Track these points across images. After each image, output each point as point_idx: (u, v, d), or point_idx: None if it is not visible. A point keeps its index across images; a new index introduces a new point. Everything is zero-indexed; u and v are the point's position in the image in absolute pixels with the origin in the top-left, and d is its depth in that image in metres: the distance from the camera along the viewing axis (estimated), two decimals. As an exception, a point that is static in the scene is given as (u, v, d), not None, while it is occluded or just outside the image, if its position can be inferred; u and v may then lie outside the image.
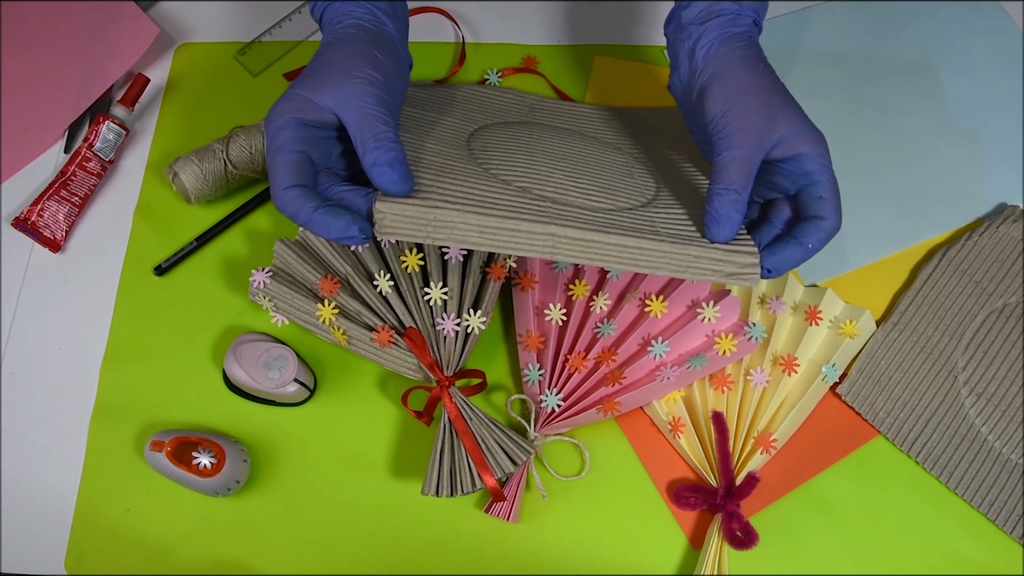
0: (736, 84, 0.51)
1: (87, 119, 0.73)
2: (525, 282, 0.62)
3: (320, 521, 0.60)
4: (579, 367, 0.60)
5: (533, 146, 0.59)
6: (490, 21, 0.77)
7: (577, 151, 0.60)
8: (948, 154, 0.71)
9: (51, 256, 0.68)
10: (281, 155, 0.49)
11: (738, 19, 0.53)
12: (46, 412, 0.63)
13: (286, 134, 0.49)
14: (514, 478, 0.58)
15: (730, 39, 0.52)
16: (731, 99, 0.50)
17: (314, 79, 0.50)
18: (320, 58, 0.52)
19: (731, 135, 0.50)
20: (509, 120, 0.64)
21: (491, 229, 0.47)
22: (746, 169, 0.49)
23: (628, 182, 0.56)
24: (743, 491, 0.58)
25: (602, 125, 0.67)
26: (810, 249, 0.50)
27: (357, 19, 0.54)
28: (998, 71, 0.74)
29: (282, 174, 0.48)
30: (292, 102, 0.50)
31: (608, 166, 0.59)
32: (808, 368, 0.62)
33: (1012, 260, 0.65)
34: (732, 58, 0.52)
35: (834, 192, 0.51)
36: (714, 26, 0.52)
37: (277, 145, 0.49)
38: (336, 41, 0.52)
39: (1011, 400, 0.62)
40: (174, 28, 0.77)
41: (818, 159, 0.50)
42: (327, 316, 0.60)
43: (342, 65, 0.50)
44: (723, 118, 0.50)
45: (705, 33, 0.52)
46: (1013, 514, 0.59)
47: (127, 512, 0.60)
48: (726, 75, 0.51)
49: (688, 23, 0.54)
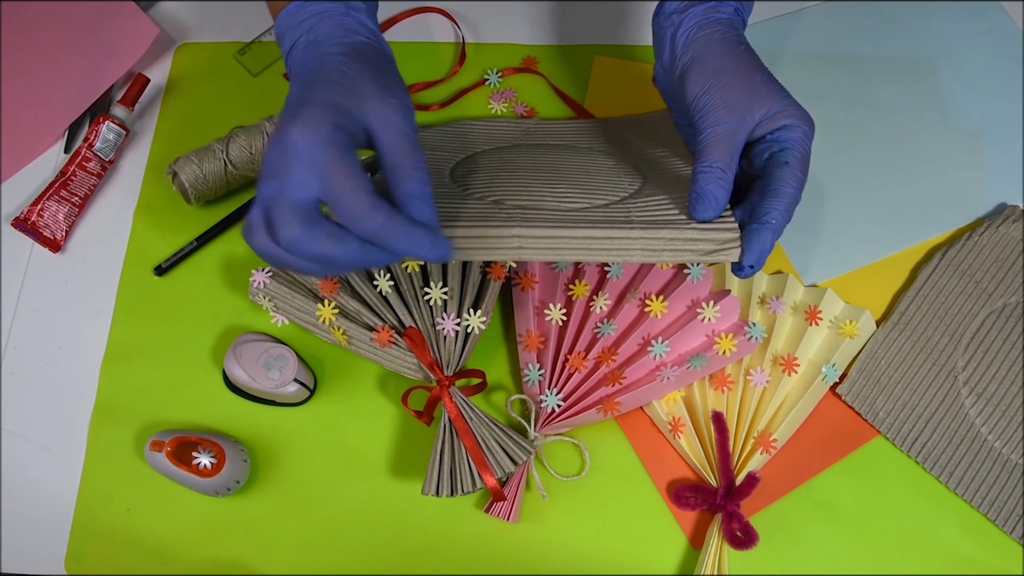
0: (716, 63, 0.51)
1: (87, 119, 0.73)
2: (525, 282, 0.62)
3: (320, 521, 0.60)
4: (579, 367, 0.60)
5: (516, 163, 0.59)
6: (490, 21, 0.77)
7: (563, 162, 0.60)
8: (948, 154, 0.71)
9: (51, 256, 0.68)
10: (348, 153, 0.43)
11: (720, 6, 0.53)
12: (46, 412, 0.63)
13: (335, 135, 0.43)
14: (514, 478, 0.58)
15: (710, 24, 0.52)
16: (712, 78, 0.50)
17: (351, 90, 0.45)
18: (347, 69, 0.46)
19: (712, 111, 0.49)
20: (500, 146, 0.64)
21: (458, 239, 0.48)
22: (729, 146, 0.49)
23: (612, 181, 0.56)
24: (743, 491, 0.58)
25: (596, 136, 0.67)
26: (774, 225, 0.49)
27: (367, 39, 0.50)
28: (998, 71, 0.74)
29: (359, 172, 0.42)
30: (329, 109, 0.43)
31: (593, 170, 0.59)
32: (808, 368, 0.62)
33: (1012, 260, 0.65)
34: (712, 40, 0.52)
35: (801, 164, 0.50)
36: (695, 13, 0.53)
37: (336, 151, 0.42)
38: (357, 56, 0.48)
39: (1011, 400, 0.62)
40: (174, 28, 0.77)
41: (798, 129, 0.50)
42: (327, 316, 0.60)
43: (377, 83, 0.46)
44: (704, 96, 0.50)
45: (686, 20, 0.53)
46: (1013, 514, 0.59)
47: (127, 512, 0.60)
48: (706, 56, 0.51)
49: (671, 12, 0.54)
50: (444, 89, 0.74)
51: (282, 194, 0.42)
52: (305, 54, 0.49)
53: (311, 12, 0.50)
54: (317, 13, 0.50)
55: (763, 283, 0.64)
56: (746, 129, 0.50)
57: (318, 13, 0.50)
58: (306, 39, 0.49)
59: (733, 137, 0.49)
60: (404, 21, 0.76)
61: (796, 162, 0.50)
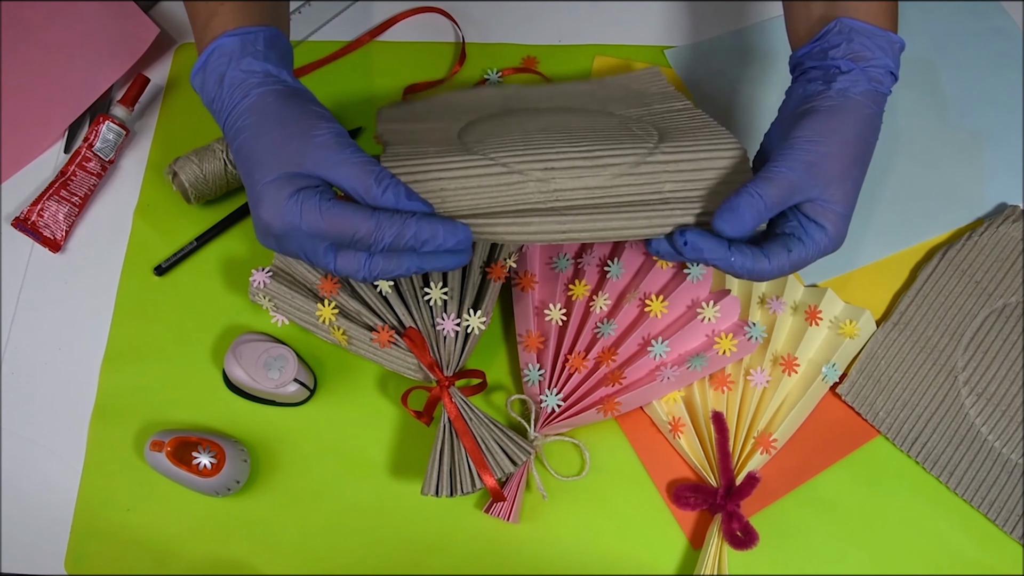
0: (843, 134, 0.50)
1: (87, 119, 0.73)
2: (525, 282, 0.62)
3: (320, 521, 0.60)
4: (579, 367, 0.60)
5: (526, 125, 0.58)
6: (490, 21, 0.77)
7: (568, 120, 0.59)
8: (948, 154, 0.71)
9: (51, 256, 0.68)
10: (330, 203, 0.47)
11: (884, 80, 0.52)
12: (46, 412, 0.63)
13: (303, 199, 0.47)
14: (514, 478, 0.58)
15: (871, 94, 0.51)
16: (826, 135, 0.50)
17: (278, 158, 0.47)
18: (263, 135, 0.48)
19: (798, 159, 0.49)
20: (492, 113, 0.64)
21: (500, 234, 0.50)
22: (786, 192, 0.49)
23: (628, 135, 0.55)
24: (743, 491, 0.58)
25: (585, 98, 0.66)
26: (722, 256, 0.49)
27: (265, 87, 0.50)
28: (998, 71, 0.74)
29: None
30: (277, 184, 0.47)
31: (603, 127, 0.57)
32: (808, 368, 0.62)
33: (1012, 260, 0.65)
34: (860, 112, 0.51)
35: (797, 262, 0.50)
36: (864, 75, 0.51)
37: (320, 208, 0.46)
38: (262, 115, 0.49)
39: (1011, 400, 0.62)
40: (174, 28, 0.77)
41: (825, 239, 0.49)
42: (327, 316, 0.60)
43: (296, 131, 0.48)
44: (806, 142, 0.49)
45: (856, 72, 0.51)
46: (1013, 514, 0.59)
47: (127, 512, 0.60)
48: (843, 121, 0.50)
49: (843, 56, 0.52)
50: (444, 89, 0.74)
51: (307, 258, 0.49)
52: (228, 131, 0.50)
53: (214, 79, 0.50)
54: (218, 77, 0.50)
55: (763, 283, 0.64)
56: (804, 195, 0.49)
57: (218, 77, 0.50)
58: (221, 114, 0.50)
59: (793, 193, 0.49)
60: (404, 21, 0.76)
61: (796, 259, 0.50)
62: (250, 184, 0.48)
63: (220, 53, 0.50)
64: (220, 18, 0.51)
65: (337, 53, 0.75)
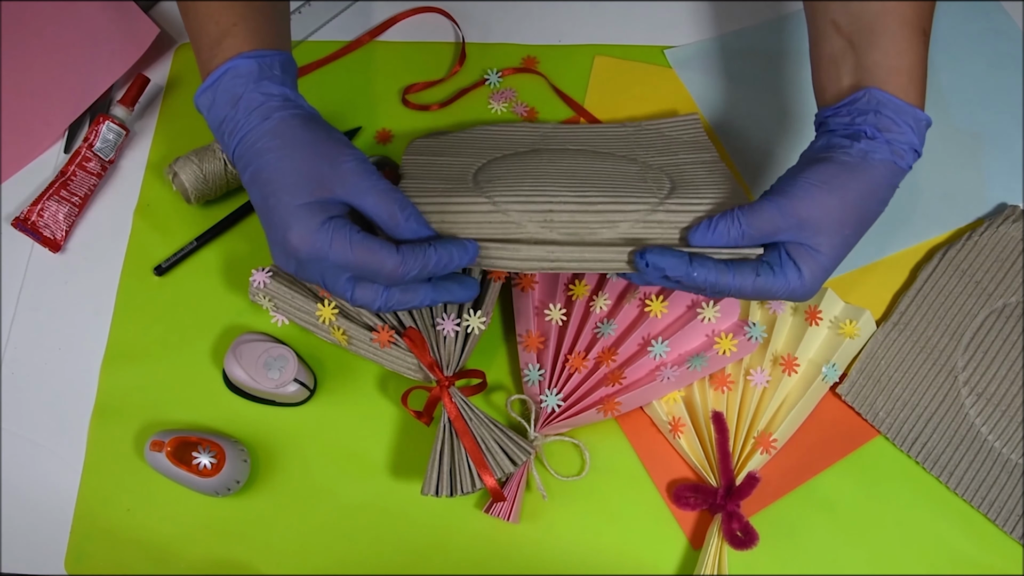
0: (851, 191, 0.50)
1: (87, 119, 0.73)
2: (525, 282, 0.62)
3: (320, 521, 0.60)
4: (579, 367, 0.60)
5: (542, 168, 0.59)
6: (490, 21, 0.77)
7: (586, 167, 0.60)
8: (948, 154, 0.71)
9: (51, 256, 0.68)
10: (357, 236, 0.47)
11: (906, 156, 0.52)
12: (46, 412, 0.63)
13: (332, 226, 0.47)
14: (514, 478, 0.58)
15: (890, 165, 0.51)
16: (826, 182, 0.50)
17: (308, 183, 0.47)
18: (290, 158, 0.48)
19: (793, 197, 0.50)
20: (518, 151, 0.64)
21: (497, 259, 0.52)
22: (773, 224, 0.49)
23: (639, 186, 0.56)
24: (743, 491, 0.58)
25: (616, 141, 0.67)
26: (687, 273, 0.49)
27: (286, 111, 0.50)
28: (998, 71, 0.74)
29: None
30: (322, 209, 0.47)
31: (618, 175, 0.58)
32: (808, 368, 0.62)
33: (1012, 260, 0.65)
34: (870, 174, 0.51)
35: (758, 291, 0.50)
36: (888, 147, 0.51)
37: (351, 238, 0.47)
38: (287, 139, 0.49)
39: (1011, 400, 0.62)
40: (174, 28, 0.77)
41: (794, 280, 0.50)
42: (327, 316, 0.60)
43: (324, 157, 0.48)
44: (812, 186, 0.50)
45: (880, 141, 0.51)
46: (1013, 514, 0.59)
47: (127, 512, 0.60)
48: (855, 178, 0.50)
49: (870, 124, 0.52)
50: (444, 89, 0.74)
51: (325, 285, 0.49)
52: (245, 152, 0.49)
53: (226, 100, 0.50)
54: (232, 99, 0.50)
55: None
56: (792, 232, 0.50)
57: (233, 98, 0.50)
58: (234, 135, 0.50)
59: (780, 221, 0.50)
60: (404, 21, 0.77)
61: (760, 285, 0.50)
62: (274, 206, 0.48)
63: (234, 74, 0.50)
64: (233, 39, 0.51)
65: (337, 53, 0.75)
